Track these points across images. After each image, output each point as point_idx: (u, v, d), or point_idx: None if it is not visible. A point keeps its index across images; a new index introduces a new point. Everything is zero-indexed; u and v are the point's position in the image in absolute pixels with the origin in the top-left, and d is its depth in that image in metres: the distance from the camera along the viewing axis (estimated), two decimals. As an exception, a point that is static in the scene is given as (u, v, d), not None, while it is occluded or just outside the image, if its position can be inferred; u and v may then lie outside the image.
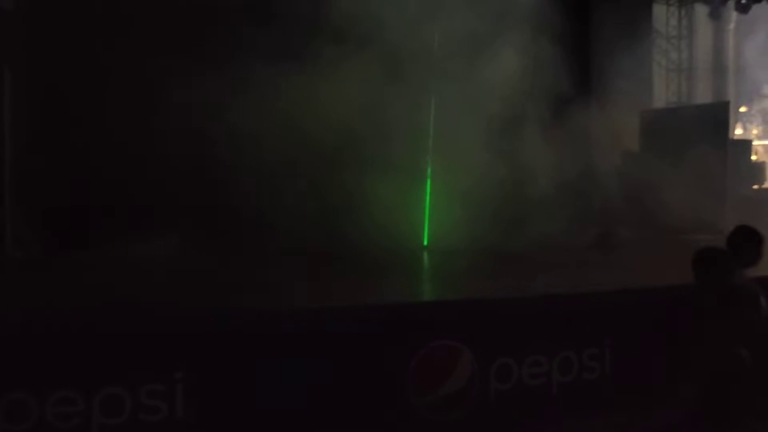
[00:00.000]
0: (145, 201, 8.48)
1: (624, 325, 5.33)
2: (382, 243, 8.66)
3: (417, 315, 5.03)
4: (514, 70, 9.28)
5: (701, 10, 18.58)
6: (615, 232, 11.25)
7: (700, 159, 12.49)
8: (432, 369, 4.74)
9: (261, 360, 4.34)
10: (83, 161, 8.41)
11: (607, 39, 12.26)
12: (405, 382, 4.67)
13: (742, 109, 22.97)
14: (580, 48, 11.22)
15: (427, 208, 10.06)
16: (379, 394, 4.61)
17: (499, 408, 4.92)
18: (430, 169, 10.09)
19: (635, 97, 13.98)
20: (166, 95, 7.93)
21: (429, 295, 6.97)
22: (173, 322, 4.41)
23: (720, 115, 14.12)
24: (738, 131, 21.66)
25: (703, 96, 20.27)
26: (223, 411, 4.28)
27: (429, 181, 10.09)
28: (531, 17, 9.45)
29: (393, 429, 4.67)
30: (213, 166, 8.55)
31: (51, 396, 3.95)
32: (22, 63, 8.43)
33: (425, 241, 10.02)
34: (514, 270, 7.58)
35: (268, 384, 4.33)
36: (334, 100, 8.48)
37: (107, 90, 8.49)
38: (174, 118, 8.07)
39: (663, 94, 18.15)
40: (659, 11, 17.79)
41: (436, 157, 10.07)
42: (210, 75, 8.29)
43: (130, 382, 4.08)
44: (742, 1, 15.92)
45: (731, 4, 16.56)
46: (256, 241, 8.46)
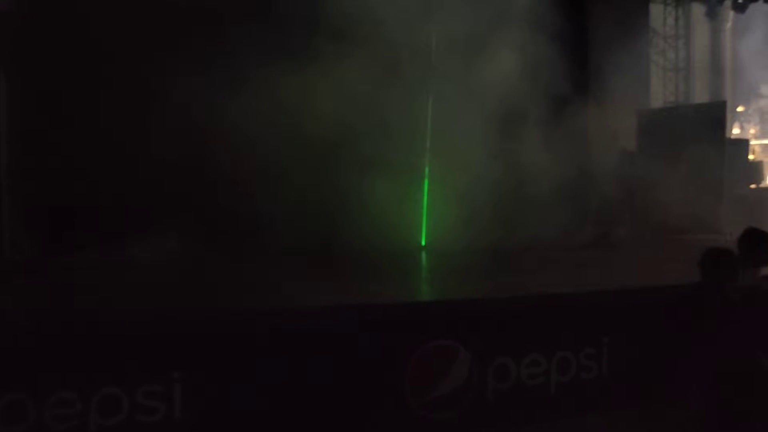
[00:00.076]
0: (143, 202, 8.45)
1: (622, 324, 5.33)
2: (380, 243, 8.65)
3: (415, 315, 5.02)
4: (511, 70, 9.28)
5: (698, 10, 18.56)
6: (613, 232, 11.26)
7: (697, 158, 12.51)
8: (429, 369, 4.73)
9: (258, 360, 4.34)
10: (81, 163, 8.38)
11: (605, 38, 12.26)
12: (402, 382, 4.66)
13: (740, 108, 22.96)
14: (577, 47, 11.22)
15: (425, 209, 10.05)
16: (375, 394, 4.61)
17: (497, 407, 4.92)
18: (428, 169, 10.09)
19: (632, 96, 13.99)
20: (162, 95, 7.91)
21: (427, 295, 6.96)
22: (171, 322, 4.40)
23: (717, 114, 14.13)
24: (735, 131, 21.65)
25: (700, 95, 20.26)
26: (219, 411, 4.27)
27: (426, 182, 10.09)
28: (528, 17, 9.46)
29: (391, 429, 4.67)
30: (210, 166, 8.53)
31: (49, 397, 3.94)
32: (18, 64, 8.41)
33: (423, 242, 10.02)
34: (512, 270, 7.58)
35: (265, 384, 4.32)
36: (332, 99, 8.47)
37: (104, 90, 8.46)
38: (170, 118, 8.05)
39: (660, 93, 18.15)
40: (656, 10, 17.80)
41: (433, 157, 10.07)
42: (205, 75, 8.28)
43: (127, 382, 4.07)
44: (739, 1, 15.92)
45: (728, 3, 16.55)
46: (254, 241, 8.45)
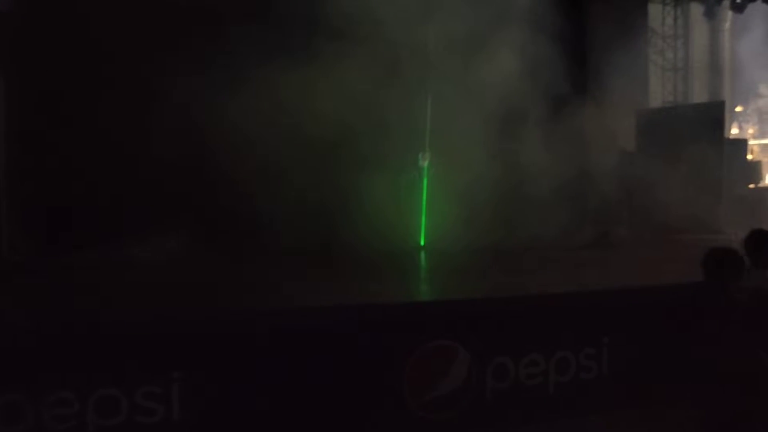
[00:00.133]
0: (142, 202, 8.44)
1: (621, 324, 5.32)
2: (380, 243, 8.65)
3: (414, 315, 5.01)
4: (510, 70, 9.29)
5: (697, 9, 18.57)
6: (612, 232, 11.26)
7: (696, 158, 12.52)
8: (428, 369, 4.72)
9: (258, 360, 4.33)
10: (79, 163, 8.37)
11: (604, 38, 12.27)
12: (401, 382, 4.65)
13: (738, 108, 22.96)
14: (576, 47, 11.22)
15: (424, 208, 10.05)
16: (375, 394, 4.60)
17: (496, 407, 4.91)
18: (428, 169, 10.09)
19: (631, 96, 13.99)
20: (162, 95, 7.91)
21: (426, 295, 6.96)
22: (171, 322, 4.39)
23: (716, 114, 14.15)
24: (734, 130, 21.65)
25: (698, 95, 20.28)
26: (219, 411, 4.26)
27: (426, 181, 10.09)
28: (527, 17, 9.46)
29: (391, 429, 4.66)
30: (210, 166, 8.53)
31: (47, 398, 3.93)
32: (17, 64, 8.40)
33: (422, 241, 10.01)
34: (512, 270, 7.57)
35: (265, 384, 4.31)
36: (332, 99, 8.47)
37: (103, 90, 8.45)
38: (170, 118, 8.05)
39: (659, 93, 18.16)
40: (655, 10, 17.80)
41: (433, 156, 10.07)
42: (205, 75, 8.27)
43: (127, 383, 4.06)
44: (738, 1, 15.92)
45: (726, 3, 16.55)
46: (254, 241, 8.45)
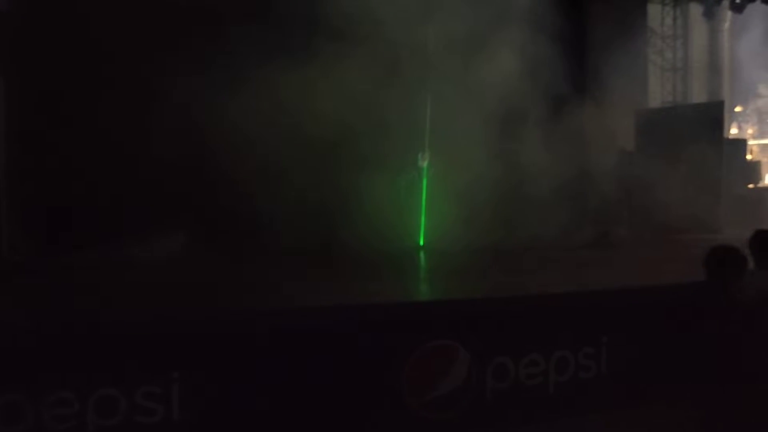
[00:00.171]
0: (142, 202, 8.45)
1: (621, 324, 5.32)
2: (380, 243, 8.65)
3: (414, 315, 5.02)
4: (510, 70, 9.29)
5: (696, 10, 18.59)
6: (611, 232, 11.28)
7: (695, 158, 12.53)
8: (428, 369, 4.72)
9: (258, 360, 4.33)
10: (79, 163, 8.37)
11: (603, 38, 12.28)
12: (401, 382, 4.65)
13: (737, 108, 23.00)
14: (575, 48, 11.24)
15: (423, 208, 10.05)
16: (375, 394, 4.60)
17: (495, 407, 4.91)
18: (427, 168, 10.09)
19: (630, 96, 13.99)
20: (162, 95, 7.91)
21: (426, 294, 6.97)
22: (171, 322, 4.39)
23: (715, 114, 14.15)
24: (733, 130, 21.69)
25: (698, 95, 20.31)
26: (219, 412, 4.26)
27: (426, 181, 10.10)
28: (527, 17, 9.47)
29: (391, 429, 4.66)
30: (210, 166, 8.53)
31: (46, 398, 3.93)
32: (17, 64, 8.39)
33: (421, 241, 10.02)
34: (511, 269, 7.58)
35: (264, 384, 4.32)
36: (332, 99, 8.48)
37: (103, 90, 8.46)
38: (170, 118, 8.05)
39: (658, 93, 18.18)
40: (654, 11, 17.81)
41: (433, 156, 10.07)
42: (206, 75, 8.28)
43: (127, 383, 4.06)
44: (737, 1, 15.93)
45: (726, 3, 16.57)
46: (254, 241, 8.45)
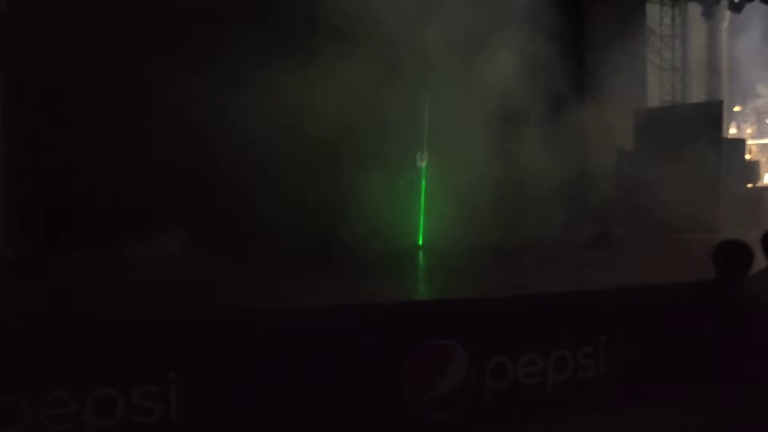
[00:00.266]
0: (142, 202, 8.44)
1: (620, 323, 5.32)
2: (379, 243, 8.65)
3: (413, 315, 5.01)
4: (509, 70, 9.29)
5: (695, 9, 18.60)
6: (611, 231, 11.28)
7: (694, 158, 12.51)
8: (426, 368, 4.72)
9: (258, 360, 4.32)
10: (79, 163, 8.37)
11: (602, 38, 12.28)
12: (400, 382, 4.65)
13: (736, 108, 23.01)
14: (574, 47, 11.24)
15: (422, 208, 10.05)
16: (374, 394, 4.59)
17: (494, 407, 4.90)
18: (427, 168, 10.09)
19: (629, 96, 13.99)
20: (162, 95, 7.91)
21: (425, 294, 6.96)
22: (171, 322, 4.38)
23: (714, 114, 14.15)
24: (732, 130, 21.70)
25: (697, 95, 20.31)
26: (219, 412, 4.26)
27: (425, 181, 10.09)
28: (526, 17, 9.47)
29: (390, 429, 4.66)
30: (210, 166, 8.53)
31: (44, 398, 3.92)
32: (16, 63, 8.39)
33: (421, 241, 10.01)
34: (511, 269, 7.58)
35: (264, 384, 4.31)
36: (332, 99, 8.48)
37: (103, 90, 8.46)
38: (170, 118, 8.04)
39: (657, 93, 18.17)
40: (653, 10, 17.81)
41: (432, 156, 10.07)
42: (206, 75, 8.27)
43: (126, 383, 4.05)
44: (736, 0, 15.94)
45: (725, 3, 16.57)
46: (254, 241, 8.45)
